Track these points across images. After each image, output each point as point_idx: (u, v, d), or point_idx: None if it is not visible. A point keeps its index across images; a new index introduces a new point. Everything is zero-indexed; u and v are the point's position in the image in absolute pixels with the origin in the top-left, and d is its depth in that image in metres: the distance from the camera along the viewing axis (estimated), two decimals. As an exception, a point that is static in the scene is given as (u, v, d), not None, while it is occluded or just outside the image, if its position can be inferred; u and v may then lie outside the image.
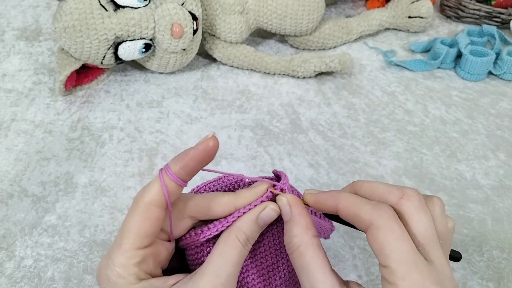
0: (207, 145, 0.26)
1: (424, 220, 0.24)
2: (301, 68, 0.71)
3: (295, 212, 0.27)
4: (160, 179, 0.25)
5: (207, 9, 0.72)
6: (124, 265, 0.24)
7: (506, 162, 0.59)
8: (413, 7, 0.82)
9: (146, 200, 0.25)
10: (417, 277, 0.22)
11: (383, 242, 0.23)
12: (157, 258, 0.27)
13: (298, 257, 0.26)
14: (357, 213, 0.25)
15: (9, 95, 0.68)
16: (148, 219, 0.25)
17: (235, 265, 0.25)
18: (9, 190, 0.54)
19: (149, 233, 0.25)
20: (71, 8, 0.60)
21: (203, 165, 0.26)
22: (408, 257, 0.23)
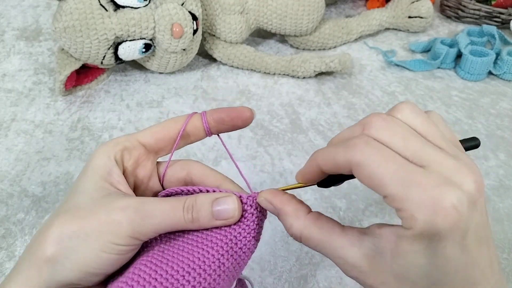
0: (243, 111, 0.28)
1: (396, 136, 0.22)
2: (301, 68, 0.71)
3: (277, 203, 0.26)
4: (190, 114, 0.28)
5: (207, 9, 0.72)
6: (109, 154, 0.26)
7: (506, 162, 0.59)
8: (413, 7, 0.82)
9: (172, 119, 0.28)
10: (417, 190, 0.20)
11: (370, 175, 0.21)
12: (137, 166, 0.28)
13: (308, 242, 0.25)
14: (335, 162, 0.23)
15: (9, 95, 0.68)
16: (162, 126, 0.28)
17: (161, 212, 0.24)
18: (9, 190, 0.54)
19: (155, 136, 0.28)
20: (71, 8, 0.60)
21: (231, 125, 0.28)
22: (399, 175, 0.20)
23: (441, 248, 0.20)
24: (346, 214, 0.52)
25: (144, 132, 0.28)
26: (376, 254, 0.23)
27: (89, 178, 0.25)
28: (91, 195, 0.25)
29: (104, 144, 0.27)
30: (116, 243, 0.23)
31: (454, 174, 0.21)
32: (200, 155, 0.59)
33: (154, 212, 0.24)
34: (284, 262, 0.47)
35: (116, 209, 0.24)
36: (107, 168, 0.26)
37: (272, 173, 0.57)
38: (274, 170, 0.57)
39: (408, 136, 0.22)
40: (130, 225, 0.24)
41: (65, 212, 0.24)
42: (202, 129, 0.28)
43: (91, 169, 0.26)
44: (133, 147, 0.27)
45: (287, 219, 0.25)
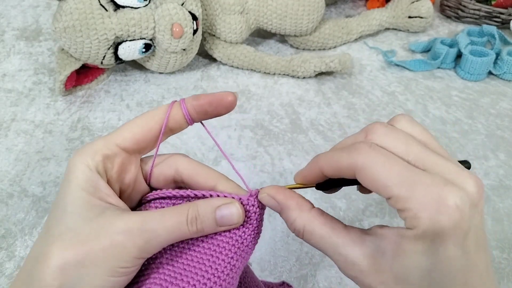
0: (225, 96, 0.26)
1: (398, 141, 0.23)
2: (301, 68, 0.71)
3: (280, 198, 0.26)
4: (170, 105, 0.26)
5: (207, 9, 0.72)
6: (95, 150, 0.25)
7: (506, 162, 0.59)
8: (413, 7, 0.82)
9: (150, 112, 0.26)
10: (421, 189, 0.20)
11: (374, 177, 0.22)
12: (122, 172, 0.26)
13: (310, 237, 0.25)
14: (338, 165, 0.23)
15: (9, 95, 0.68)
16: (141, 126, 0.26)
17: (166, 230, 0.24)
18: (9, 190, 0.54)
19: (136, 138, 0.26)
20: (71, 8, 0.60)
21: (214, 113, 0.26)
22: (403, 176, 0.21)
23: (442, 248, 0.20)
24: (346, 214, 0.52)
25: (122, 134, 0.26)
26: (377, 253, 0.23)
27: (74, 195, 0.24)
28: (84, 215, 0.23)
29: (80, 153, 0.24)
30: (123, 267, 0.23)
31: (456, 177, 0.21)
32: (200, 155, 0.59)
33: (158, 231, 0.23)
34: (284, 262, 0.47)
35: (118, 233, 0.23)
36: (92, 182, 0.24)
37: (272, 173, 0.57)
38: (274, 170, 0.57)
39: (410, 141, 0.23)
40: (135, 247, 0.23)
41: (61, 238, 0.23)
42: (183, 118, 0.26)
43: (75, 184, 0.24)
44: (114, 155, 0.25)
45: (291, 213, 0.25)
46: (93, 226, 0.23)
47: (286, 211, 0.25)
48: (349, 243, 0.23)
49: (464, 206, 0.20)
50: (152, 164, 0.27)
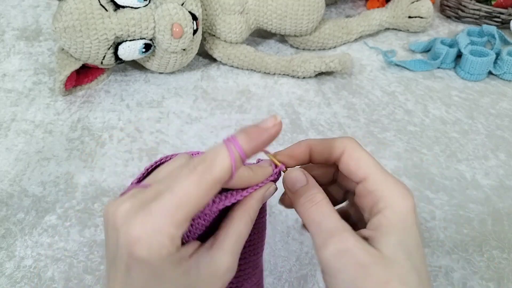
0: (277, 130, 0.25)
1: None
2: (301, 68, 0.71)
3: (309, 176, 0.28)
4: (231, 155, 0.23)
5: (207, 9, 0.72)
6: (173, 236, 0.22)
7: (506, 162, 0.59)
8: (413, 7, 0.82)
9: (216, 177, 0.23)
10: (391, 179, 0.25)
11: (360, 158, 0.26)
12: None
13: (318, 211, 0.26)
14: (329, 145, 0.27)
15: (9, 95, 0.68)
16: (210, 195, 0.23)
17: (244, 241, 0.26)
18: (9, 190, 0.54)
19: (203, 207, 0.23)
20: (71, 8, 0.60)
21: (264, 146, 0.26)
22: (380, 167, 0.26)
23: (413, 220, 0.25)
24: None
25: (188, 212, 0.22)
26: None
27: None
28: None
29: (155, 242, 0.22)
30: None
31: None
32: (200, 155, 0.59)
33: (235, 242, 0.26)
34: (284, 262, 0.47)
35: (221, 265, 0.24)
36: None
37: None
38: (274, 170, 0.57)
39: None
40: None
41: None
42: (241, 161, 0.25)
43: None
44: (184, 229, 0.24)
45: (315, 190, 0.27)
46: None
47: (310, 188, 0.27)
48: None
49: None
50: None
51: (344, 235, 0.24)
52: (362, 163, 0.25)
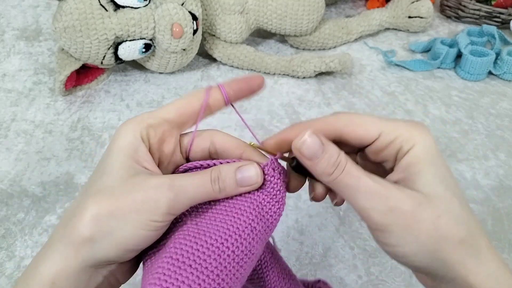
0: (256, 78, 0.29)
1: None
2: (301, 68, 0.71)
3: (324, 140, 0.25)
4: (209, 87, 0.29)
5: (207, 9, 0.72)
6: (142, 119, 0.27)
7: (506, 162, 0.59)
8: (413, 7, 0.82)
9: (193, 92, 0.29)
10: (402, 123, 0.26)
11: (364, 122, 0.26)
12: (162, 142, 0.28)
13: (349, 174, 0.25)
14: (328, 125, 0.27)
15: (9, 95, 0.68)
16: (184, 101, 0.28)
17: (192, 186, 0.26)
18: (9, 190, 0.54)
19: (179, 112, 0.28)
20: (71, 8, 0.60)
21: (247, 93, 0.29)
22: (384, 119, 0.26)
23: (438, 150, 0.26)
24: (346, 214, 0.52)
25: (168, 108, 0.28)
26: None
27: (115, 157, 0.26)
28: (121, 174, 0.25)
29: (128, 122, 0.27)
30: (154, 220, 0.24)
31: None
32: (200, 155, 0.59)
33: (186, 187, 0.25)
34: (284, 262, 0.47)
35: (151, 188, 0.25)
36: (133, 146, 0.26)
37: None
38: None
39: None
40: (166, 202, 0.24)
41: (98, 193, 0.25)
42: (221, 100, 0.29)
43: (117, 148, 0.26)
44: (158, 124, 0.27)
45: (334, 149, 0.26)
46: (128, 183, 0.25)
47: (329, 149, 0.25)
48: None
49: None
50: (192, 137, 0.29)
51: (386, 192, 0.24)
52: (368, 124, 0.26)
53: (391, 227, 0.24)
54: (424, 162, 0.24)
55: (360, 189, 0.24)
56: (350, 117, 0.26)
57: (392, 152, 0.25)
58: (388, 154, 0.26)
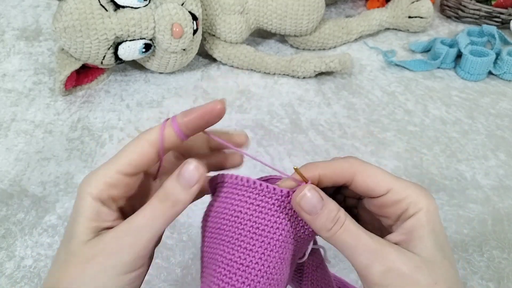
0: (214, 106, 0.26)
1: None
2: (301, 68, 0.71)
3: (324, 196, 0.25)
4: (162, 125, 0.26)
5: (207, 9, 0.72)
6: (98, 180, 0.26)
7: (506, 162, 0.59)
8: (413, 7, 0.82)
9: (143, 136, 0.27)
10: (412, 185, 0.26)
11: (375, 175, 0.26)
12: (131, 189, 0.27)
13: (347, 232, 0.25)
14: (337, 169, 0.26)
15: (9, 95, 0.68)
16: (138, 152, 0.26)
17: (146, 221, 0.26)
18: (9, 190, 0.54)
19: (133, 164, 0.26)
20: (71, 8, 0.60)
21: (206, 125, 0.27)
22: (395, 177, 0.26)
23: (439, 219, 0.26)
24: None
25: (120, 161, 0.27)
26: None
27: (79, 221, 0.26)
28: (82, 239, 0.25)
29: (85, 183, 0.26)
30: (125, 272, 0.25)
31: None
32: (200, 155, 0.59)
33: (140, 223, 0.25)
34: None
35: (109, 243, 0.25)
36: (93, 210, 0.26)
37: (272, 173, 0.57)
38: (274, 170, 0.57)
39: None
40: (127, 249, 0.25)
41: (63, 263, 0.25)
42: (174, 135, 0.27)
43: (79, 212, 0.26)
44: (116, 181, 0.26)
45: (333, 206, 0.26)
46: (92, 247, 0.25)
47: (328, 205, 0.25)
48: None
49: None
50: (158, 169, 0.29)
51: (385, 251, 0.24)
52: (380, 178, 0.26)
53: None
54: (428, 227, 0.25)
55: (359, 247, 0.24)
56: (364, 167, 0.26)
57: (397, 211, 0.26)
58: (391, 211, 0.26)
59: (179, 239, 0.49)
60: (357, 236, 0.25)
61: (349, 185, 0.27)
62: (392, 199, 0.25)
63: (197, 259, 0.48)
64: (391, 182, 0.26)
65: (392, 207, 0.26)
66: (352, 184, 0.27)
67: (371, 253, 0.24)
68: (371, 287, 0.24)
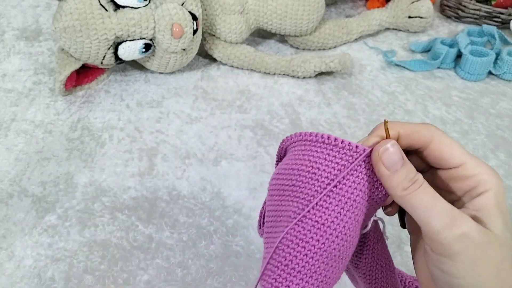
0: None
1: None
2: (301, 68, 0.71)
3: (405, 156, 0.25)
4: None
5: (207, 9, 0.72)
6: None
7: (506, 162, 0.59)
8: (413, 7, 0.82)
9: None
10: (483, 163, 0.25)
11: (451, 146, 0.26)
12: None
13: (424, 193, 0.25)
14: (417, 131, 0.26)
15: (9, 95, 0.68)
16: None
17: None
18: (9, 190, 0.54)
19: None
20: (71, 8, 0.60)
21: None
22: (470, 153, 0.26)
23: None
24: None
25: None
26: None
27: None
28: None
29: None
30: None
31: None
32: (200, 155, 0.59)
33: None
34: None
35: None
36: None
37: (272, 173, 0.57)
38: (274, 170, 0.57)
39: None
40: None
41: None
42: None
43: None
44: None
45: (411, 167, 0.25)
46: None
47: (408, 164, 0.25)
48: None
49: None
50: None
51: (462, 217, 0.24)
52: (455, 150, 0.26)
53: (459, 256, 0.23)
54: (497, 207, 0.25)
55: (436, 209, 0.24)
56: (442, 136, 0.26)
57: (465, 187, 0.25)
58: (460, 186, 0.26)
59: (179, 239, 0.49)
60: (435, 198, 0.24)
61: (423, 151, 0.26)
62: (463, 174, 0.25)
63: (197, 259, 0.48)
64: (466, 157, 0.25)
65: (461, 182, 0.25)
66: (426, 150, 0.26)
67: (448, 216, 0.24)
68: (441, 253, 0.24)
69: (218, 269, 0.47)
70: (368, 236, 0.29)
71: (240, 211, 0.52)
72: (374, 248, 0.29)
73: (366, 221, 0.27)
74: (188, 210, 0.52)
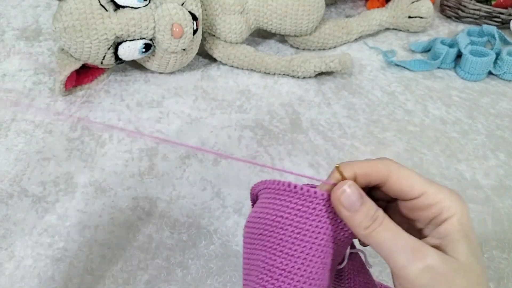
0: None
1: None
2: (301, 68, 0.71)
3: (363, 194, 0.25)
4: None
5: (207, 9, 0.72)
6: None
7: (506, 162, 0.59)
8: (413, 7, 0.82)
9: None
10: (444, 188, 0.26)
11: (409, 177, 0.26)
12: None
13: (384, 231, 0.25)
14: (373, 168, 0.26)
15: (9, 95, 0.68)
16: None
17: None
18: (9, 190, 0.54)
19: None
20: (71, 8, 0.60)
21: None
22: (428, 180, 0.26)
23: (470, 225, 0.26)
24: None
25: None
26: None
27: None
28: None
29: None
30: None
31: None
32: (200, 155, 0.59)
33: None
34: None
35: None
36: None
37: (272, 173, 0.57)
38: (274, 170, 0.57)
39: None
40: None
41: None
42: None
43: None
44: None
45: (372, 205, 0.26)
46: None
47: (367, 202, 0.25)
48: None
49: None
50: None
51: (425, 249, 0.24)
52: (414, 181, 0.26)
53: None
54: (462, 233, 0.25)
55: (398, 245, 0.24)
56: (399, 169, 0.26)
57: (429, 215, 0.26)
58: (423, 215, 0.26)
59: (179, 239, 0.49)
60: (397, 234, 0.24)
61: (382, 186, 0.27)
62: (425, 203, 0.25)
63: (197, 259, 0.48)
64: (425, 186, 0.25)
65: (424, 211, 0.26)
66: (385, 185, 0.26)
67: (411, 251, 0.24)
68: (408, 286, 0.24)
69: (218, 269, 0.47)
70: (347, 270, 0.30)
71: (240, 211, 0.52)
72: (355, 280, 0.30)
73: (336, 260, 0.27)
74: (188, 210, 0.52)
